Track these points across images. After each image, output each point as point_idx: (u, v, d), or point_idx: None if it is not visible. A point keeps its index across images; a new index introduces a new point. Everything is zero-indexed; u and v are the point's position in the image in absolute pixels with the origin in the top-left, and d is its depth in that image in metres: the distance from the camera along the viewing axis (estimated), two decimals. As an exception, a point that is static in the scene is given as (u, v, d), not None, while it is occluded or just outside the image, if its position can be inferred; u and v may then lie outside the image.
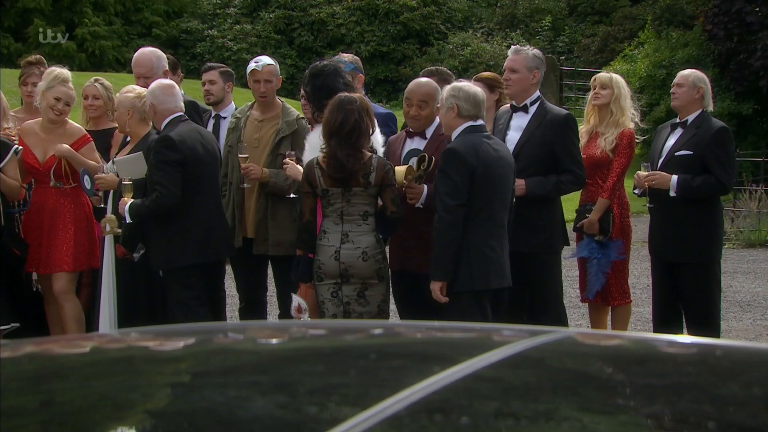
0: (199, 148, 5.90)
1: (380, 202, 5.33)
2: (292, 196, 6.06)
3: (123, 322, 5.97)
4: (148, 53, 6.77)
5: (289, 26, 31.79)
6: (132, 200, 5.82)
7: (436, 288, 5.16)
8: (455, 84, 5.41)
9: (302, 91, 6.66)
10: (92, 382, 1.93)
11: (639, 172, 6.24)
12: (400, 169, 5.50)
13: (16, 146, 6.21)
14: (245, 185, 6.29)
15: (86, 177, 6.08)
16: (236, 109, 6.95)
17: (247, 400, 1.68)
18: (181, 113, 5.96)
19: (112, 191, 6.11)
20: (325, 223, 5.31)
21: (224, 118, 6.96)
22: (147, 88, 6.21)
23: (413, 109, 5.70)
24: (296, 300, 5.41)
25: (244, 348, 2.26)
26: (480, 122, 5.31)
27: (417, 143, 5.77)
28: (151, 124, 6.11)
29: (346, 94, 5.34)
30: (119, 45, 30.82)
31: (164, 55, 6.80)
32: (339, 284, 5.30)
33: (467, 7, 33.35)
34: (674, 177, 6.06)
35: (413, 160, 5.57)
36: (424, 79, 5.88)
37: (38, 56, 7.23)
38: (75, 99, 6.44)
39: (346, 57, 6.76)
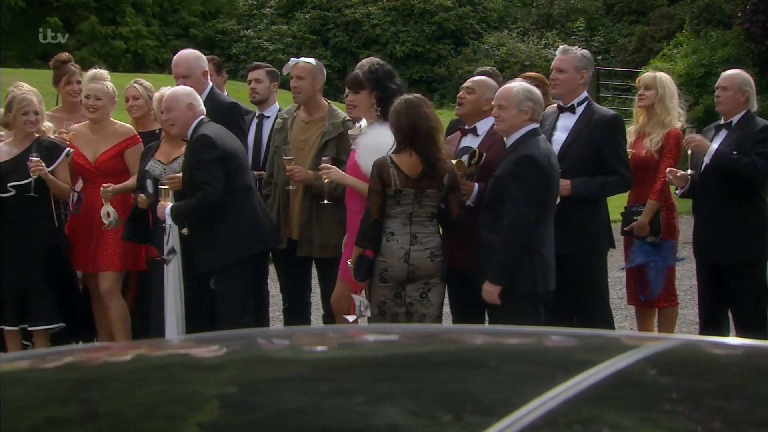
0: (232, 143, 5.95)
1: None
2: (326, 202, 6.03)
3: (187, 328, 5.98)
4: (187, 54, 6.80)
5: (324, 27, 31.85)
6: (170, 203, 5.79)
7: (494, 291, 5.14)
8: (527, 86, 5.41)
9: (346, 92, 6.69)
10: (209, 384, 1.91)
11: (670, 168, 6.14)
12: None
13: (67, 149, 6.27)
14: (290, 187, 6.30)
15: (148, 181, 6.08)
16: (279, 109, 6.96)
17: (377, 406, 1.65)
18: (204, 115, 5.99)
19: (172, 193, 6.08)
20: (392, 224, 5.33)
21: (267, 117, 6.97)
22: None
23: (462, 92, 5.80)
24: (358, 300, 5.39)
25: (360, 353, 2.23)
26: (538, 125, 5.35)
27: (470, 141, 5.78)
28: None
29: (417, 96, 5.42)
30: (157, 46, 31.06)
31: (203, 57, 6.80)
32: (403, 284, 5.33)
33: (502, 7, 33.24)
34: (714, 144, 6.01)
35: (465, 157, 5.57)
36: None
37: (66, 54, 7.24)
38: (109, 94, 6.43)
39: (372, 60, 6.75)
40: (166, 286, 6.03)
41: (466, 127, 5.84)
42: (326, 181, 5.79)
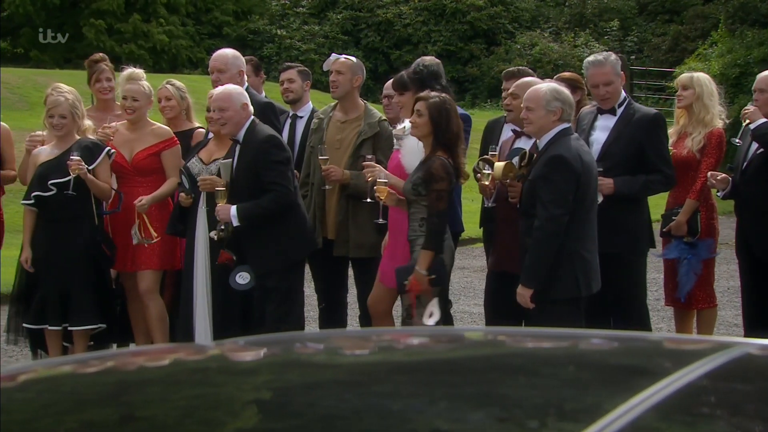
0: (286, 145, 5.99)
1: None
2: (368, 200, 6.03)
3: (217, 332, 5.97)
4: (226, 51, 6.86)
5: (355, 27, 31.86)
6: (227, 204, 5.73)
7: (526, 294, 5.10)
8: (554, 86, 5.36)
9: (384, 92, 6.70)
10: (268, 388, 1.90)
11: (711, 172, 6.09)
12: (499, 165, 5.49)
13: (108, 149, 6.30)
14: (326, 187, 6.30)
15: (184, 178, 6.11)
16: (313, 109, 6.96)
17: (463, 412, 1.63)
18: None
19: (204, 194, 6.11)
20: None
21: (300, 117, 6.97)
22: (220, 83, 6.32)
23: (507, 99, 5.82)
24: (430, 308, 5.36)
25: (425, 357, 2.20)
26: (570, 124, 5.29)
27: (523, 143, 5.76)
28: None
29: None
30: (191, 45, 31.21)
31: (242, 57, 6.82)
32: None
33: (535, 6, 33.09)
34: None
35: (516, 160, 5.55)
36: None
37: (100, 54, 7.30)
38: (145, 94, 6.44)
39: (427, 60, 6.73)
40: (195, 288, 6.05)
41: (519, 129, 5.80)
42: (369, 179, 5.75)
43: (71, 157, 6.04)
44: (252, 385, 1.95)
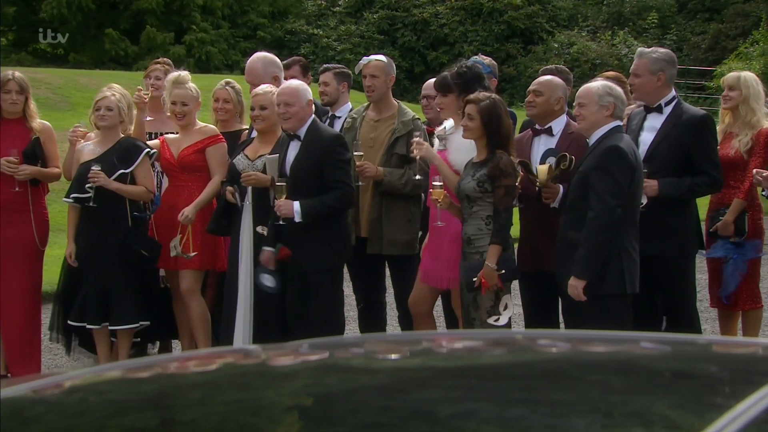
0: None
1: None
2: (417, 177, 5.98)
3: (256, 334, 5.99)
4: (256, 61, 6.82)
5: (392, 26, 31.87)
6: (288, 200, 5.72)
7: (579, 286, 5.06)
8: (607, 83, 5.38)
9: (423, 93, 6.69)
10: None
11: (757, 170, 6.00)
12: (543, 168, 5.49)
13: (149, 149, 6.34)
14: (360, 183, 6.30)
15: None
16: (351, 108, 6.97)
17: (564, 419, 1.60)
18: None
19: (250, 189, 6.12)
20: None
21: (338, 117, 6.97)
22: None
23: (529, 95, 5.79)
24: (504, 301, 5.36)
25: (497, 361, 2.17)
26: (621, 123, 5.25)
27: (545, 141, 5.73)
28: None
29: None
30: (226, 48, 31.37)
31: (275, 61, 6.82)
32: None
33: (572, 5, 32.91)
34: None
35: (551, 159, 5.52)
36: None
37: (167, 59, 7.41)
38: (194, 97, 6.45)
39: (486, 60, 6.72)
40: (239, 289, 6.06)
41: (538, 127, 5.78)
42: (416, 154, 5.74)
43: (92, 168, 6.08)
44: (293, 390, 1.93)
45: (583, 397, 1.75)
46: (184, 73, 6.56)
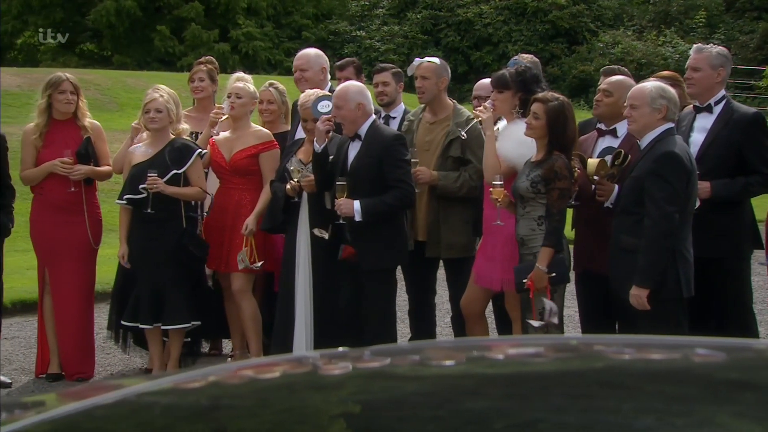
0: None
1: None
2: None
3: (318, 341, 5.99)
4: (309, 50, 6.97)
5: (435, 26, 31.79)
6: (348, 199, 5.70)
7: (642, 295, 5.01)
8: (660, 84, 5.29)
9: (474, 94, 6.65)
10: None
11: None
12: (593, 162, 5.44)
13: (200, 150, 6.37)
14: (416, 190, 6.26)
15: (285, 176, 6.15)
16: (405, 110, 6.94)
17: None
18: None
19: (306, 193, 6.11)
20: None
21: (393, 118, 6.96)
22: (303, 80, 6.52)
23: (598, 94, 5.74)
24: (549, 304, 5.32)
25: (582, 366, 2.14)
26: (674, 125, 5.19)
27: (609, 142, 5.69)
28: None
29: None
30: (270, 48, 31.51)
31: (324, 56, 6.92)
32: None
33: (618, 4, 32.60)
34: None
35: (608, 157, 5.46)
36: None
37: (210, 57, 7.45)
38: (250, 93, 6.52)
39: (526, 58, 6.65)
40: (296, 289, 6.05)
41: (604, 128, 5.73)
42: (481, 117, 5.76)
43: (148, 174, 6.12)
44: (340, 397, 1.91)
45: (643, 406, 1.71)
46: (246, 75, 6.69)
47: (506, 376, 2.06)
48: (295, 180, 6.06)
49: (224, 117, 6.60)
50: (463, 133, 6.07)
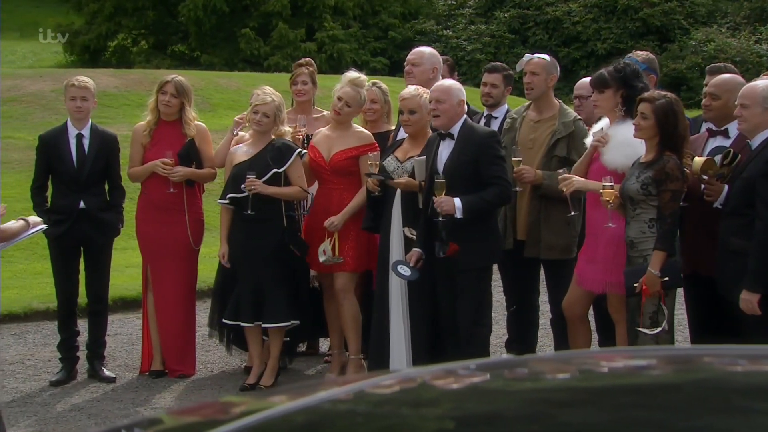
0: None
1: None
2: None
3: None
4: (423, 47, 7.03)
5: (523, 25, 31.50)
6: (448, 197, 5.65)
7: (753, 300, 4.88)
8: None
9: (574, 93, 6.55)
10: None
11: None
12: (699, 160, 5.31)
13: (299, 149, 6.39)
14: (517, 189, 6.18)
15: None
16: (508, 109, 6.87)
17: None
18: None
19: (398, 191, 6.11)
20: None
21: (495, 118, 6.89)
22: (412, 75, 6.54)
23: (706, 98, 5.63)
24: (665, 310, 5.24)
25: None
26: None
27: (719, 142, 5.57)
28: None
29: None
30: (356, 48, 31.63)
31: (438, 55, 6.95)
32: None
33: (711, 1, 31.86)
34: None
35: (717, 156, 5.32)
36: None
37: (308, 59, 7.47)
38: (359, 102, 6.51)
39: (641, 55, 6.51)
40: (389, 296, 6.02)
41: (714, 128, 5.58)
42: (566, 193, 5.62)
43: (246, 177, 6.15)
44: (437, 414, 1.90)
45: (753, 425, 1.58)
46: (363, 78, 6.63)
47: (607, 389, 2.03)
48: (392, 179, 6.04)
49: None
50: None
